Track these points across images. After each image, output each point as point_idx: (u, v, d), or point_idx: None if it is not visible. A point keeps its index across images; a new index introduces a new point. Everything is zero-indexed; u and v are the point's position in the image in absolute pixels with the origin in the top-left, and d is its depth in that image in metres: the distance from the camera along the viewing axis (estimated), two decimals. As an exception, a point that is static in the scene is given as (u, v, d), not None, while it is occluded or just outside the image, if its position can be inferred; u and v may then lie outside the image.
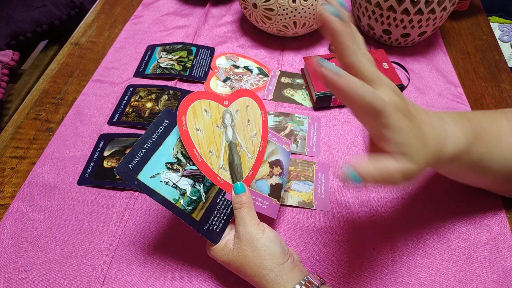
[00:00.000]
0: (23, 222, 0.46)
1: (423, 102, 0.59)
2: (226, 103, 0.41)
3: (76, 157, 0.52)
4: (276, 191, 0.42)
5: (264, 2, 0.59)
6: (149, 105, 0.58)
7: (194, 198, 0.37)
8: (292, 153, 0.52)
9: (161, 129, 0.37)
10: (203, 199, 0.37)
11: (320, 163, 0.51)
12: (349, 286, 0.41)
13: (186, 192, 0.37)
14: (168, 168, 0.36)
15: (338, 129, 0.55)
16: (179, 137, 0.37)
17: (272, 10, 0.60)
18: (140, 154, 0.35)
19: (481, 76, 0.63)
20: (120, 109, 0.58)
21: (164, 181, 0.36)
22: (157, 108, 0.58)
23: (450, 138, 0.33)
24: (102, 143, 0.53)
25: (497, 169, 0.39)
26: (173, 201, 0.36)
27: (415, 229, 0.45)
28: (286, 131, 0.54)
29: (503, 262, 0.42)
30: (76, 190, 0.49)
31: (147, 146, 0.36)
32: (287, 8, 0.59)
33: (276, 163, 0.43)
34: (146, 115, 0.57)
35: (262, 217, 0.40)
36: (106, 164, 0.51)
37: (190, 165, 0.37)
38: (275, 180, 0.42)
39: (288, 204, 0.47)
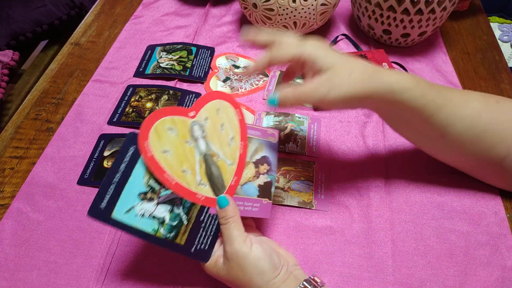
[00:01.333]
0: (23, 222, 0.46)
1: (423, 102, 0.59)
2: (192, 114, 0.38)
3: (76, 157, 0.52)
4: (266, 190, 0.40)
5: (264, 2, 0.59)
6: (149, 105, 0.58)
7: (174, 223, 0.35)
8: (292, 153, 0.52)
9: (128, 157, 0.34)
10: (185, 221, 0.36)
11: (320, 163, 0.51)
12: (349, 286, 0.41)
13: (165, 220, 0.35)
14: (142, 199, 0.34)
15: (338, 129, 0.55)
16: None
17: (272, 10, 0.60)
18: (110, 191, 0.33)
19: (481, 76, 0.63)
20: (120, 109, 0.58)
21: (140, 214, 0.34)
22: (157, 108, 0.58)
23: (391, 74, 0.36)
24: (102, 143, 0.53)
25: (460, 132, 0.39)
26: (152, 232, 0.34)
27: (415, 228, 0.45)
28: (286, 131, 0.54)
29: (503, 262, 0.42)
30: (76, 190, 0.49)
31: (116, 180, 0.34)
32: (287, 8, 0.59)
33: (262, 161, 0.41)
34: (146, 115, 0.57)
35: (258, 220, 0.40)
36: (106, 164, 0.51)
37: (165, 190, 0.35)
38: (262, 179, 0.40)
39: (288, 204, 0.47)
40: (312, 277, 0.35)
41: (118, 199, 0.34)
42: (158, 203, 0.35)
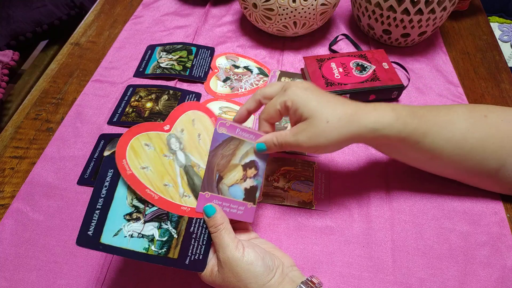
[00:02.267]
0: (23, 222, 0.46)
1: (423, 102, 0.59)
2: (166, 128, 0.38)
3: (76, 157, 0.52)
4: (251, 194, 0.40)
5: (264, 2, 0.59)
6: (149, 105, 0.58)
7: (164, 239, 0.35)
8: (292, 153, 0.52)
9: (107, 181, 0.35)
10: (175, 235, 0.36)
11: (320, 163, 0.51)
12: (349, 286, 0.41)
13: (154, 237, 0.35)
14: (128, 220, 0.34)
15: (338, 129, 0.55)
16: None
17: (272, 10, 0.60)
18: (95, 217, 0.34)
19: (481, 76, 0.63)
20: (120, 109, 0.58)
21: (129, 235, 0.34)
22: (157, 108, 0.58)
23: (370, 113, 0.38)
24: (102, 143, 0.53)
25: (449, 153, 0.40)
26: (144, 251, 0.34)
27: (415, 229, 0.45)
28: (286, 131, 0.54)
29: (503, 262, 0.42)
30: (76, 190, 0.49)
31: (99, 206, 0.34)
32: (287, 8, 0.59)
33: (250, 165, 0.41)
34: (146, 115, 0.57)
35: (257, 220, 0.40)
36: (106, 164, 0.51)
37: (150, 208, 0.35)
38: (249, 183, 0.40)
39: (288, 204, 0.47)
40: (309, 279, 0.35)
41: (105, 224, 0.34)
42: (145, 222, 0.35)
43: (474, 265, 0.42)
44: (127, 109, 0.58)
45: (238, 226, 0.40)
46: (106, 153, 0.52)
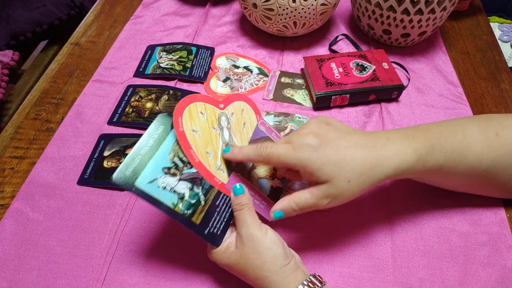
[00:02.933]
0: (23, 222, 0.46)
1: (423, 102, 0.59)
2: (221, 106, 0.42)
3: (76, 157, 0.52)
4: (276, 194, 0.42)
5: (264, 2, 0.59)
6: (149, 105, 0.58)
7: (193, 201, 0.37)
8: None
9: (156, 134, 0.37)
10: (202, 202, 0.37)
11: (320, 163, 0.51)
12: (349, 286, 0.41)
13: (184, 196, 0.36)
14: (165, 173, 0.36)
15: (338, 129, 0.55)
16: (176, 141, 0.37)
17: (272, 10, 0.60)
18: (136, 161, 0.35)
19: (481, 76, 0.63)
20: (120, 109, 0.58)
21: (162, 186, 0.36)
22: (157, 108, 0.58)
23: (394, 157, 0.36)
24: (102, 143, 0.53)
25: (465, 174, 0.40)
26: (171, 206, 0.36)
27: (415, 229, 0.45)
28: (286, 131, 0.54)
29: (503, 262, 0.42)
30: (76, 190, 0.49)
31: (142, 152, 0.36)
32: (287, 8, 0.59)
33: None
34: (146, 115, 0.57)
35: (260, 218, 0.40)
36: (106, 164, 0.51)
37: (188, 169, 0.37)
38: (276, 183, 0.42)
39: (288, 204, 0.47)
40: (317, 274, 0.36)
41: (143, 170, 0.35)
42: (180, 179, 0.37)
43: (474, 265, 0.42)
44: (127, 109, 0.58)
45: None
46: (106, 153, 0.52)
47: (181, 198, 0.36)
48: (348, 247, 0.43)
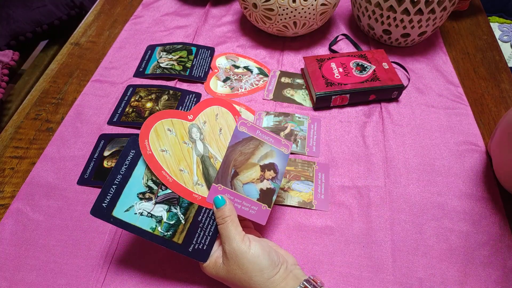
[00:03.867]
0: (23, 222, 0.46)
1: (423, 102, 0.59)
2: (190, 117, 0.40)
3: (76, 157, 0.52)
4: (267, 196, 0.40)
5: (264, 2, 0.59)
6: (149, 105, 0.58)
7: (171, 222, 0.37)
8: (292, 153, 0.52)
9: (128, 160, 0.37)
10: (182, 221, 0.37)
11: (320, 163, 0.51)
12: (349, 286, 0.41)
13: (162, 219, 0.36)
14: (141, 199, 0.36)
15: (338, 129, 0.55)
16: (147, 164, 0.37)
17: (272, 10, 0.60)
18: (111, 191, 0.35)
19: (481, 76, 0.63)
20: (120, 109, 0.58)
21: (139, 212, 0.36)
22: (157, 108, 0.58)
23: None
24: (102, 143, 0.53)
25: None
26: (150, 230, 0.36)
27: (415, 229, 0.45)
28: (286, 131, 0.54)
29: (503, 262, 0.42)
30: (76, 190, 0.49)
31: (117, 181, 0.36)
32: (287, 8, 0.59)
33: (269, 167, 0.41)
34: (146, 115, 0.57)
35: (254, 223, 0.40)
36: (106, 164, 0.51)
37: (163, 190, 0.37)
38: (266, 184, 0.40)
39: (288, 204, 0.47)
40: (312, 277, 0.35)
41: (119, 199, 0.36)
42: (156, 203, 0.37)
43: (474, 265, 0.42)
44: (127, 109, 0.58)
45: (242, 224, 0.40)
46: (106, 153, 0.52)
47: (159, 221, 0.36)
48: (348, 247, 0.43)
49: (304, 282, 0.34)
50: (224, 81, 0.62)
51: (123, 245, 0.44)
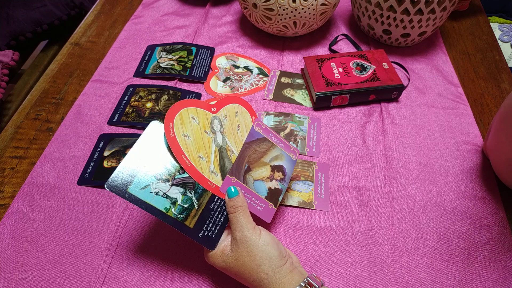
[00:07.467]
0: (23, 222, 0.46)
1: (423, 102, 0.59)
2: (213, 110, 0.42)
3: (76, 157, 0.52)
4: (274, 195, 0.42)
5: (264, 2, 0.59)
6: (149, 105, 0.58)
7: (185, 205, 0.37)
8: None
9: (149, 141, 0.37)
10: (196, 206, 0.37)
11: (320, 163, 0.51)
12: (349, 286, 0.41)
13: (177, 201, 0.37)
14: (158, 179, 0.37)
15: (338, 129, 0.55)
16: (168, 147, 0.37)
17: (272, 10, 0.60)
18: (129, 168, 0.36)
19: (481, 76, 0.63)
20: (120, 109, 0.58)
21: (154, 192, 0.36)
22: (157, 108, 0.58)
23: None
24: (102, 143, 0.53)
25: None
26: (164, 211, 0.36)
27: (415, 228, 0.45)
28: (286, 131, 0.54)
29: (503, 262, 0.42)
30: (76, 190, 0.49)
31: (136, 159, 0.36)
32: (287, 8, 0.59)
33: (278, 168, 0.43)
34: (146, 115, 0.57)
35: (258, 220, 0.40)
36: (106, 164, 0.51)
37: (180, 174, 0.37)
38: (274, 184, 0.42)
39: (288, 204, 0.47)
40: (315, 275, 0.36)
41: (135, 177, 0.36)
42: (172, 185, 0.37)
43: (474, 265, 0.42)
44: (127, 109, 0.58)
45: None
46: (106, 153, 0.52)
47: (174, 203, 0.37)
48: (348, 247, 0.43)
49: (308, 278, 0.34)
50: (224, 81, 0.62)
51: (123, 245, 0.44)
